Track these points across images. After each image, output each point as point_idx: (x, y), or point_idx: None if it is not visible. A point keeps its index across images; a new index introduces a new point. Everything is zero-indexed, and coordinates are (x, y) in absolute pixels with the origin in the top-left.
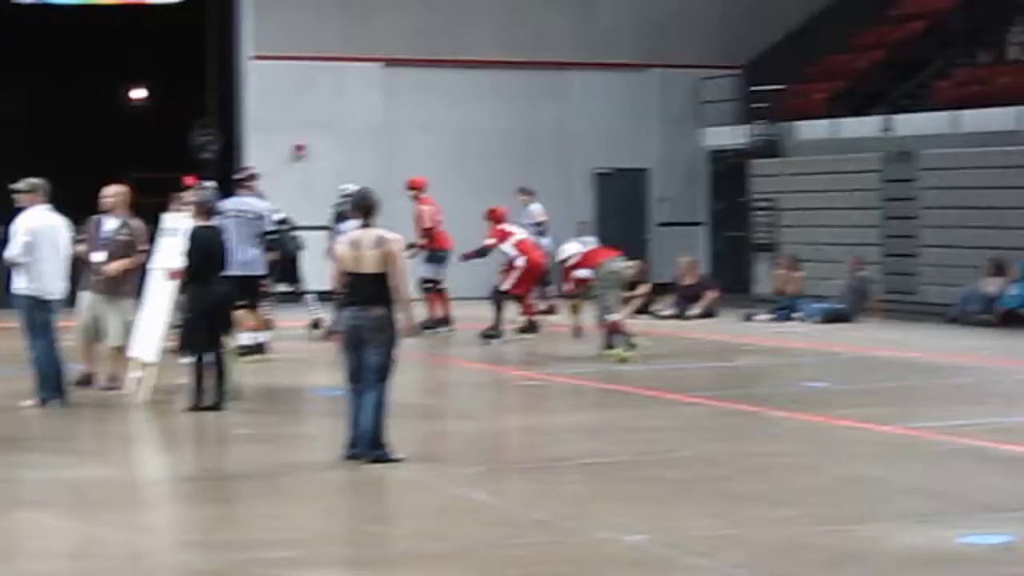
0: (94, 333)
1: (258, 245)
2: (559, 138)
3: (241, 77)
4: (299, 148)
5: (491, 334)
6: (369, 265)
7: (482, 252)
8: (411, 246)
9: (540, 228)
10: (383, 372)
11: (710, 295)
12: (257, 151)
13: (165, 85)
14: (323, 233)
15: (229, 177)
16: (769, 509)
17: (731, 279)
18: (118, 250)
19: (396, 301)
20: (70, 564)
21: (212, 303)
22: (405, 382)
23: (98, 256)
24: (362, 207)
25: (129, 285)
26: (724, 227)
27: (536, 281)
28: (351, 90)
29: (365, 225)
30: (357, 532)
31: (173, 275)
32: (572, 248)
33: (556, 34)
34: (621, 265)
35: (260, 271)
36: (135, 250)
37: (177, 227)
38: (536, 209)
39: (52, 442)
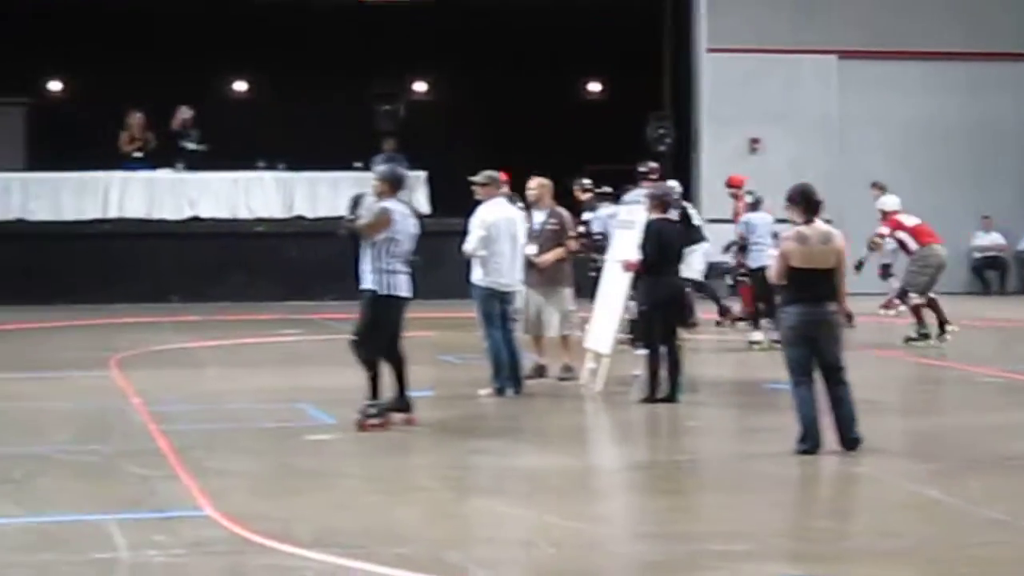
0: (538, 326)
1: None
2: (1016, 131)
3: (696, 70)
4: (754, 141)
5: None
6: (819, 261)
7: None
8: (731, 244)
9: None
10: (843, 366)
11: None
12: (711, 143)
13: (620, 78)
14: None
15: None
16: None
17: None
18: (548, 241)
19: (838, 296)
20: (523, 552)
21: (667, 295)
22: (854, 377)
23: (530, 249)
24: (807, 203)
25: (563, 274)
26: None
27: None
28: (804, 83)
29: (808, 221)
30: (809, 527)
31: (628, 267)
32: (895, 201)
33: (1011, 25)
34: (943, 252)
35: None
36: (565, 239)
37: (633, 220)
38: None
39: (507, 431)
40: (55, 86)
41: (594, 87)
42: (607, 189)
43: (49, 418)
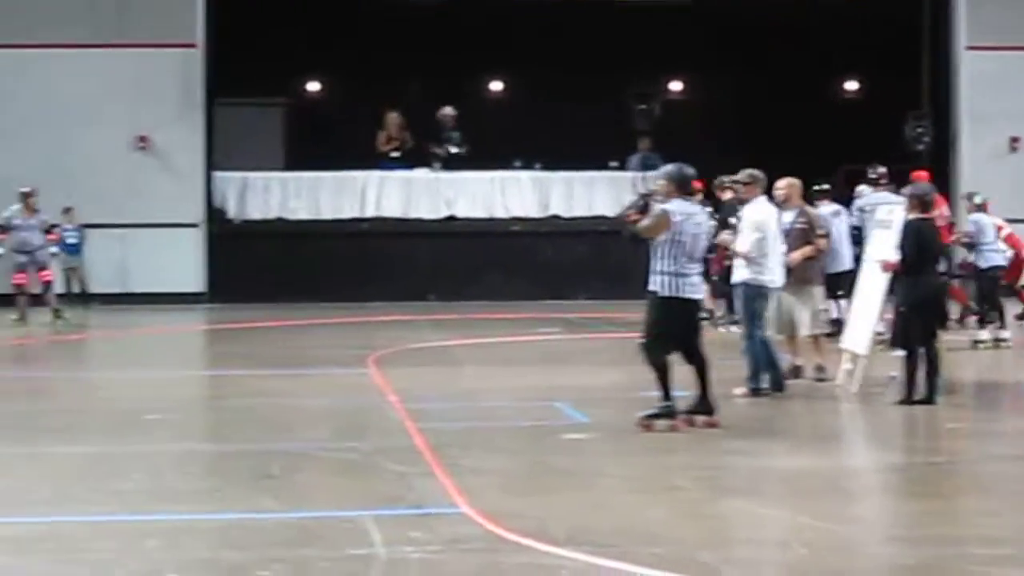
0: (790, 325)
1: None
2: None
3: (954, 68)
4: (1014, 140)
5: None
6: None
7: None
8: None
9: None
10: None
11: None
12: (970, 143)
13: (877, 76)
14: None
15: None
16: None
17: None
18: (796, 240)
19: None
20: (776, 552)
21: (925, 296)
22: None
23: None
24: None
25: (812, 273)
26: None
27: (1020, 272)
28: None
29: None
30: None
31: (886, 267)
32: None
33: None
34: None
35: None
36: (813, 238)
37: (891, 219)
38: None
39: (762, 431)
40: (313, 87)
41: (851, 86)
42: (825, 186)
43: (307, 415)
